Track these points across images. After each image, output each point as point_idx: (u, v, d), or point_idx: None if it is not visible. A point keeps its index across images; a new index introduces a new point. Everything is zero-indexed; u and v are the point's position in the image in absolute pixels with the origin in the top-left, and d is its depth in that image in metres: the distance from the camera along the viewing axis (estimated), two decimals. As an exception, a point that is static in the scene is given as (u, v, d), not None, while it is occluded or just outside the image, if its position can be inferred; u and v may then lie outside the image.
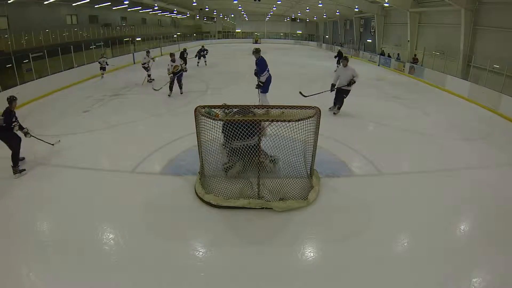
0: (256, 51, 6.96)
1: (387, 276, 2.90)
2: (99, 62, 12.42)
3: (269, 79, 7.00)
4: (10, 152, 4.61)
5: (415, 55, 16.46)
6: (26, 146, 4.89)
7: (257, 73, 7.02)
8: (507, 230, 3.57)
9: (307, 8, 30.32)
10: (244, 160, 4.09)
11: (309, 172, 4.28)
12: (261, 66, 6.90)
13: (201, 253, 3.17)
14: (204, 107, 4.01)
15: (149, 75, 11.68)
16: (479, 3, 11.86)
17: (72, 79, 11.52)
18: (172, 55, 9.44)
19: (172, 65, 9.21)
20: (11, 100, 4.66)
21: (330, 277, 2.89)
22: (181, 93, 9.60)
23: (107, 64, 12.63)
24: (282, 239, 3.37)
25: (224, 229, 3.53)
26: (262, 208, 3.79)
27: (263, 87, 7.04)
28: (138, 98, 9.56)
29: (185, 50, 14.46)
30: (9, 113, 4.59)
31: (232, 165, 4.34)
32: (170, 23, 37.22)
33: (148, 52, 11.95)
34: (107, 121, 7.11)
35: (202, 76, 13.25)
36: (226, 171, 4.37)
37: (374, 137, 6.48)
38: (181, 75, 9.56)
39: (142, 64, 11.68)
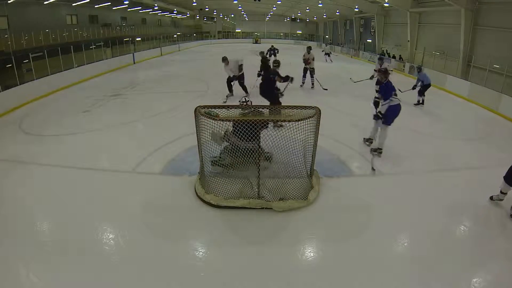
0: None
1: (387, 276, 2.90)
2: None
3: None
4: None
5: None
6: (26, 146, 4.85)
7: None
8: (507, 230, 3.57)
9: (307, 8, 30.31)
10: (236, 160, 4.04)
11: (309, 172, 4.27)
12: None
13: (201, 253, 3.17)
14: (204, 107, 4.00)
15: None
16: (479, 3, 11.86)
17: (72, 79, 11.50)
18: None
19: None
20: None
21: (330, 277, 2.89)
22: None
23: None
24: (282, 239, 3.38)
25: (224, 229, 3.53)
26: (262, 208, 3.79)
27: None
28: (138, 98, 9.56)
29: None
30: None
31: (222, 162, 4.31)
32: (170, 23, 37.21)
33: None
34: (107, 121, 7.10)
35: (202, 76, 13.24)
36: (212, 164, 4.36)
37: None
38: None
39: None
